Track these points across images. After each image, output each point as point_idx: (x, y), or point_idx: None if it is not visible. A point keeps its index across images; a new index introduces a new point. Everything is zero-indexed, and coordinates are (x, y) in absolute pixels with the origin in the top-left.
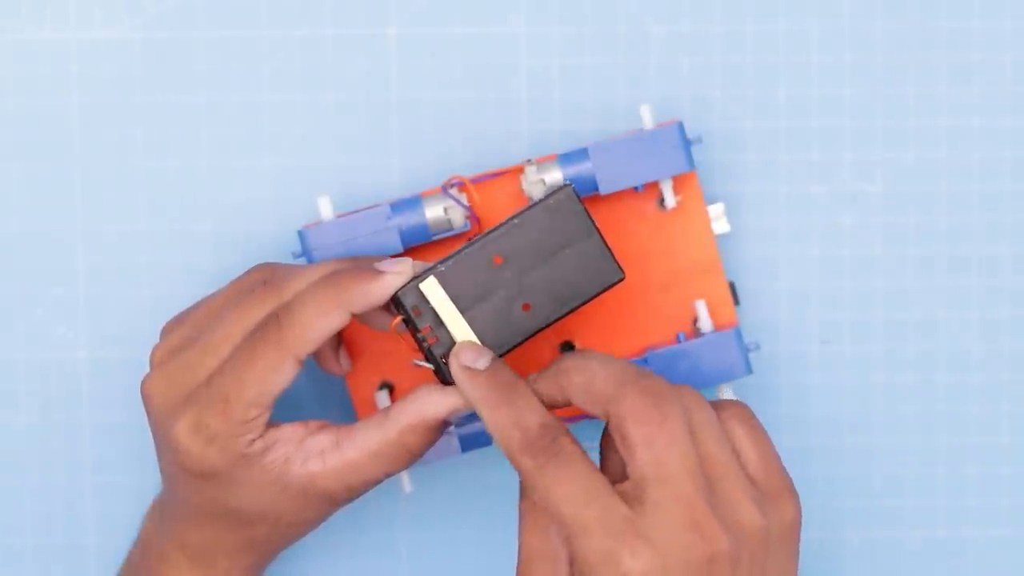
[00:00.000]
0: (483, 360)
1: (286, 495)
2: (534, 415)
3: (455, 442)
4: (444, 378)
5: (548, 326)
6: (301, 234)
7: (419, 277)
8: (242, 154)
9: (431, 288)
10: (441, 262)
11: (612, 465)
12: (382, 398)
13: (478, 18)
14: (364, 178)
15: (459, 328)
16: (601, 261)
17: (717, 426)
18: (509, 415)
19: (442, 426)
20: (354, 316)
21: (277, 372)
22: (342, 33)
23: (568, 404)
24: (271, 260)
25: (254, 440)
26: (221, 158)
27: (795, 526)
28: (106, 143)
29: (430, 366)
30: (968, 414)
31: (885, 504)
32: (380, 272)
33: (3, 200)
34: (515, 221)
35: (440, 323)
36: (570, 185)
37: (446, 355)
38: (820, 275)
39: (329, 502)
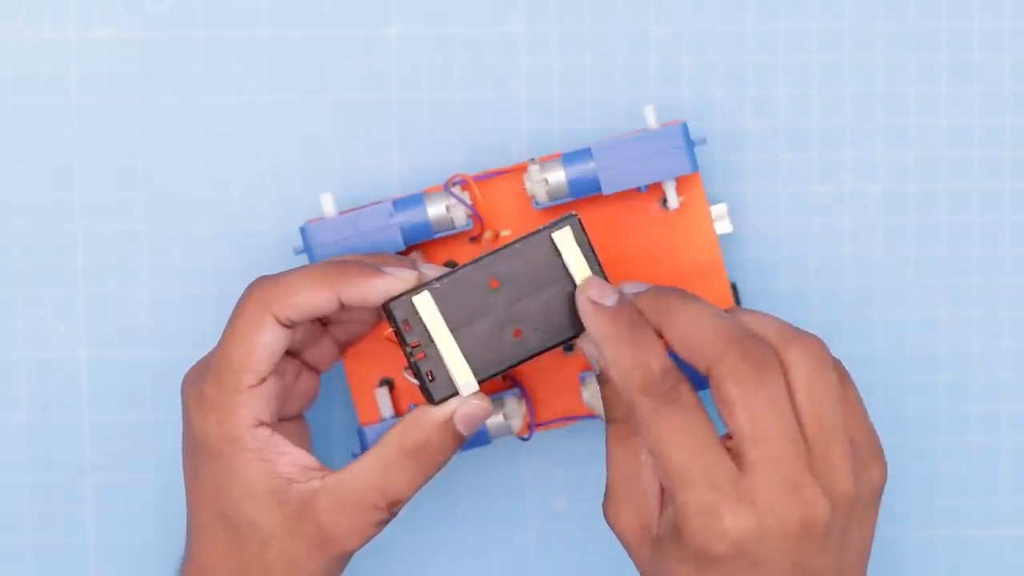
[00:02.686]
0: (611, 297)
1: (282, 511)
2: (657, 359)
3: None
4: (429, 396)
5: (537, 355)
6: (303, 229)
7: (414, 291)
8: (242, 154)
9: (423, 303)
10: (438, 279)
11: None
12: (382, 395)
13: (478, 18)
14: (363, 179)
15: (447, 347)
16: None
17: (836, 386)
18: (633, 354)
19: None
20: (340, 313)
21: (257, 330)
22: (342, 33)
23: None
24: (271, 261)
25: (254, 421)
26: (221, 158)
27: (879, 492)
28: (105, 143)
29: (416, 382)
30: (968, 414)
31: (886, 504)
32: (383, 273)
33: (3, 200)
34: (516, 246)
35: (430, 339)
36: (576, 215)
37: (432, 372)
38: (820, 275)
39: (322, 538)
